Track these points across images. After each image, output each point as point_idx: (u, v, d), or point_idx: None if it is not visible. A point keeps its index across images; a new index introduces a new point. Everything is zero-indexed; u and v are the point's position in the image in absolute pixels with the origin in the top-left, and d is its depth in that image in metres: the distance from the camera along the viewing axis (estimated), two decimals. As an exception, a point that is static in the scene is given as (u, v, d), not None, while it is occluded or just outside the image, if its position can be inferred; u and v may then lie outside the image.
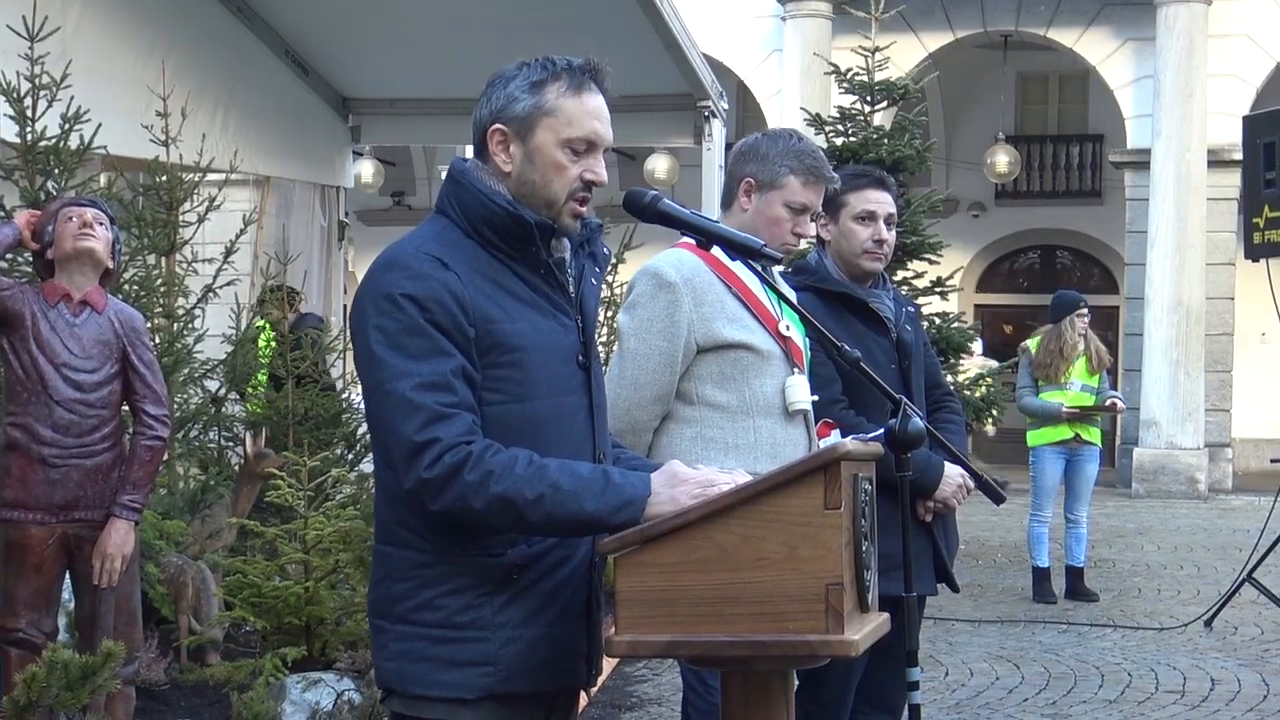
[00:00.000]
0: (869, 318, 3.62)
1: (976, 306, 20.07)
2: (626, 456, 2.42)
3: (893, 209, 3.65)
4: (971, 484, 3.53)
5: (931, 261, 9.98)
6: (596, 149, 2.23)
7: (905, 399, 2.45)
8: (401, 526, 2.18)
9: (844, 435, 3.31)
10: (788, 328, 3.18)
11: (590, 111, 2.21)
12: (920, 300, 9.72)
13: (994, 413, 10.13)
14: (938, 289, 10.02)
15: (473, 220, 2.20)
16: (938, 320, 9.96)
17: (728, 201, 3.31)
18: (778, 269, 3.28)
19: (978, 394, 9.99)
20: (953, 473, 3.56)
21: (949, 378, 9.49)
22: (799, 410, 3.16)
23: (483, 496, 2.05)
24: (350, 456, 7.19)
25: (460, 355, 2.10)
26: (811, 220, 3.31)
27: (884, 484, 2.39)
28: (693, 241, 2.69)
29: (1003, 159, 18.10)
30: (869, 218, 3.61)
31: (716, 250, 2.60)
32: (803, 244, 3.39)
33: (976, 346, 8.99)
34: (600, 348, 6.57)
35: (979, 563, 10.16)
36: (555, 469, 2.08)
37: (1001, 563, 10.17)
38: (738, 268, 3.06)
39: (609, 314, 7.26)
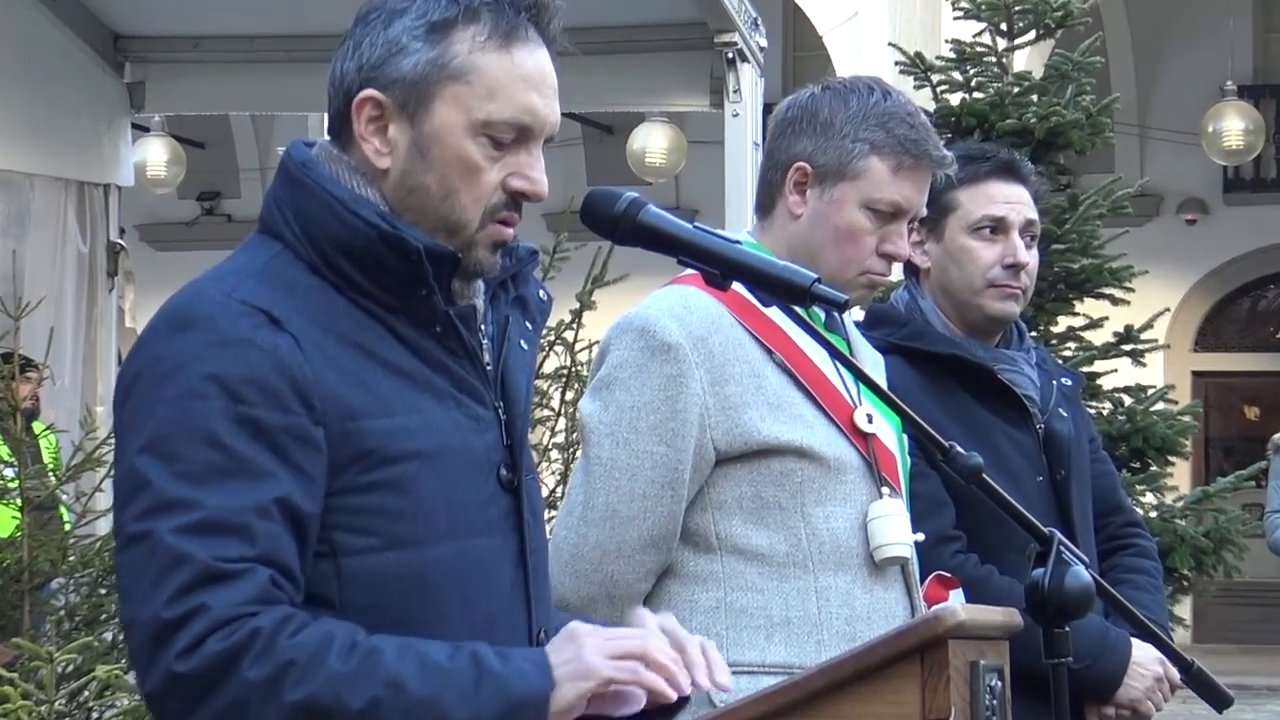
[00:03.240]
0: (997, 397, 3.67)
1: (1195, 375, 20.18)
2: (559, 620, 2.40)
3: (1033, 214, 3.73)
4: (1177, 676, 3.56)
5: (1115, 300, 10.05)
6: (533, 138, 2.29)
7: (1059, 534, 2.49)
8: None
9: (967, 597, 3.35)
10: (870, 418, 3.21)
11: (526, 76, 2.27)
12: (1097, 367, 9.79)
13: (1227, 557, 10.15)
14: (1126, 347, 10.09)
15: (320, 245, 2.24)
16: (1127, 400, 10.01)
17: (768, 203, 3.35)
18: (850, 317, 3.34)
19: (1200, 527, 10.02)
20: (1145, 658, 3.61)
21: (1145, 498, 9.52)
22: (893, 559, 3.18)
23: (275, 706, 2.06)
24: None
25: (288, 476, 2.13)
26: (910, 231, 3.37)
27: (1027, 676, 2.43)
28: (700, 274, 2.75)
29: (1234, 126, 18.27)
30: (996, 228, 3.69)
31: (738, 287, 2.64)
32: (895, 272, 3.44)
33: None
34: (550, 453, 6.63)
35: (1206, 814, 10.16)
36: (394, 656, 2.09)
37: (1245, 814, 10.17)
38: (780, 316, 3.10)
39: (566, 398, 7.29)
